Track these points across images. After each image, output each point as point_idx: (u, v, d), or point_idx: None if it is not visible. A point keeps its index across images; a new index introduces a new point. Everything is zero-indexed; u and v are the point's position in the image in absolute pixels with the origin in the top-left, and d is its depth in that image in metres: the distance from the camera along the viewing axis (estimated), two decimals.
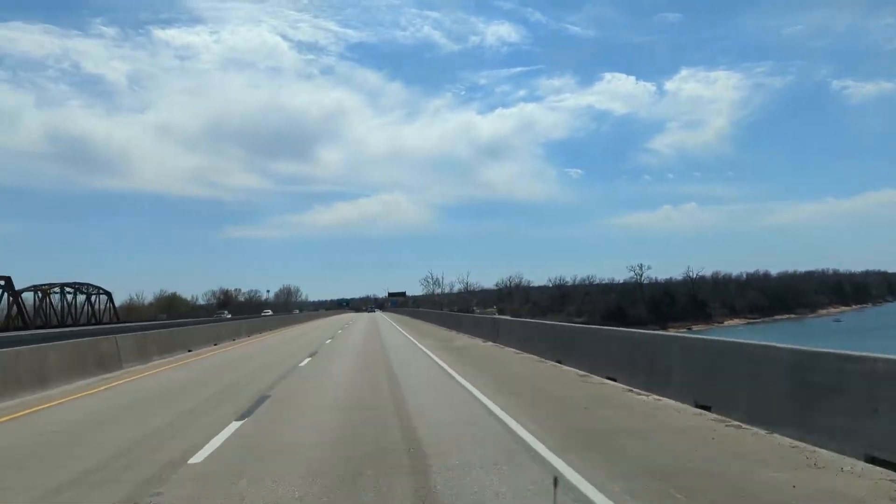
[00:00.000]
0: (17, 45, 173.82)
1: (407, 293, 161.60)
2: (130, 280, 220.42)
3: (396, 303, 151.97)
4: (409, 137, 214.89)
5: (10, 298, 57.04)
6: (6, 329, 50.83)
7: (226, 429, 8.20)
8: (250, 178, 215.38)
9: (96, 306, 71.95)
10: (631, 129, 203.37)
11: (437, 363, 17.40)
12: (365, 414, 9.25)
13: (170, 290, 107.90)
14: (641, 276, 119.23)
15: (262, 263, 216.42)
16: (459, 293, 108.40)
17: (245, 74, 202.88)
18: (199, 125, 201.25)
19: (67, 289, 67.62)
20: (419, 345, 24.91)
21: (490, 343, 24.41)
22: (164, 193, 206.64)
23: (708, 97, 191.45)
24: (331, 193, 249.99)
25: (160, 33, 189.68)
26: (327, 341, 28.92)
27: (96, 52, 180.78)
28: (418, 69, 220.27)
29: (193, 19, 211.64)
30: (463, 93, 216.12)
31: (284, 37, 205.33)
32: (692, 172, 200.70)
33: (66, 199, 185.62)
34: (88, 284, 72.34)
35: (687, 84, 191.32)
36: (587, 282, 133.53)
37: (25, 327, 54.10)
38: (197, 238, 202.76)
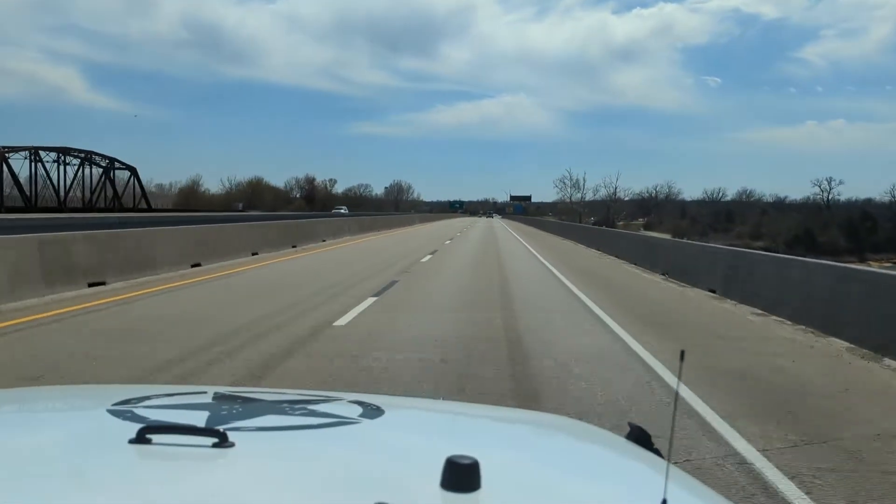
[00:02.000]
0: None
1: (532, 198, 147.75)
2: (234, 169, 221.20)
3: (521, 208, 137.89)
4: (538, 36, 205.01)
5: None
6: None
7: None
8: (376, 74, 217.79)
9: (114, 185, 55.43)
10: (779, 36, 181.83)
11: None
12: None
13: (276, 181, 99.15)
14: (829, 193, 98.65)
15: (380, 160, 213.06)
16: (602, 201, 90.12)
17: None
18: (327, 17, 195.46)
19: (53, 155, 49.03)
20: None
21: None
22: (291, 85, 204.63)
23: (873, 1, 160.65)
24: (454, 93, 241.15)
25: None
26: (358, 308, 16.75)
27: None
28: None
29: None
30: None
31: None
32: (845, 86, 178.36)
33: (195, 86, 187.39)
34: (92, 153, 53.80)
35: None
36: (747, 196, 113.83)
37: None
38: (315, 132, 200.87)
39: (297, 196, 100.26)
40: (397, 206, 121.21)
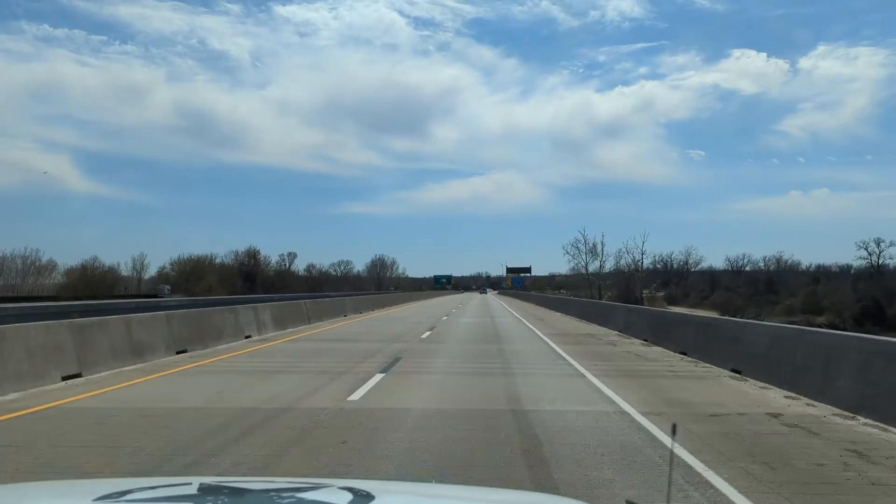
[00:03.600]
0: (149, 23, 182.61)
1: (532, 271, 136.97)
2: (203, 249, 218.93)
3: (521, 282, 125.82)
4: (524, 116, 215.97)
5: None
6: None
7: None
8: (365, 154, 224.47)
9: None
10: (759, 110, 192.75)
11: None
12: None
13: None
14: (879, 255, 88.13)
15: (368, 238, 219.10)
16: (619, 271, 74.07)
17: (362, 51, 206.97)
18: (317, 101, 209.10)
19: None
20: None
21: None
22: (283, 168, 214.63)
23: (847, 75, 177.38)
24: (444, 171, 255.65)
25: (281, 10, 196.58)
26: None
27: (221, 28, 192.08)
28: (535, 46, 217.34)
29: None
30: (581, 70, 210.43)
31: (401, 13, 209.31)
32: (826, 156, 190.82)
33: (183, 170, 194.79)
34: None
35: (824, 61, 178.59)
36: (780, 264, 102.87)
37: None
38: (302, 212, 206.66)
39: (235, 273, 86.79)
40: (380, 284, 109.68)
